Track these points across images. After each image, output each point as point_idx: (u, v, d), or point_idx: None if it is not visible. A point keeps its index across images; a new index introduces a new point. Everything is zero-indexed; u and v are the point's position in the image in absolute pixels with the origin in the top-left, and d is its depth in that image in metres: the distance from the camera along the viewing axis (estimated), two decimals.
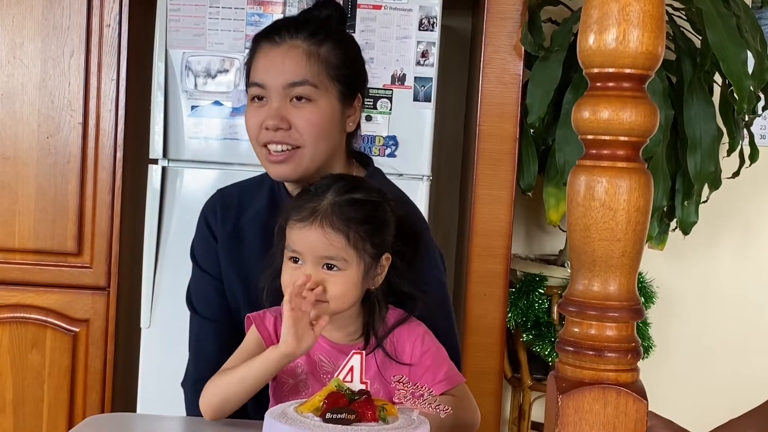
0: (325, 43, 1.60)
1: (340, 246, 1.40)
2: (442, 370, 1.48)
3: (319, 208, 1.42)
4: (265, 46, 1.62)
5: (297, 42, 1.59)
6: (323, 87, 1.59)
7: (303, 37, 1.60)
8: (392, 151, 2.69)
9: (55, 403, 2.76)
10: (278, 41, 1.60)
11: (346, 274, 1.41)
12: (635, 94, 0.93)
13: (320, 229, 1.40)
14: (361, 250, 1.42)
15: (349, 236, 1.41)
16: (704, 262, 3.38)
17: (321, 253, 1.41)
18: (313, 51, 1.59)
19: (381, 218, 1.47)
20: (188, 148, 2.68)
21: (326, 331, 1.47)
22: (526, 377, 3.03)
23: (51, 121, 2.75)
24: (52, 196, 2.75)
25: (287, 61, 1.58)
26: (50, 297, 2.76)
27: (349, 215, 1.42)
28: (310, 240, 1.41)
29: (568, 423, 0.94)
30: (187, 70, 2.68)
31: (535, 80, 2.75)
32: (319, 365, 1.46)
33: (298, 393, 1.46)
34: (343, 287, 1.41)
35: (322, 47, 1.60)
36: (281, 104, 1.58)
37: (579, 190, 0.95)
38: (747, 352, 3.35)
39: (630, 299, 0.96)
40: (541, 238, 3.37)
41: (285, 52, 1.59)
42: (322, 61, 1.59)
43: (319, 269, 1.41)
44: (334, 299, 1.41)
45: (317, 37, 1.60)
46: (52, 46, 2.74)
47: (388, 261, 1.47)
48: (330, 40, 1.62)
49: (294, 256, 1.43)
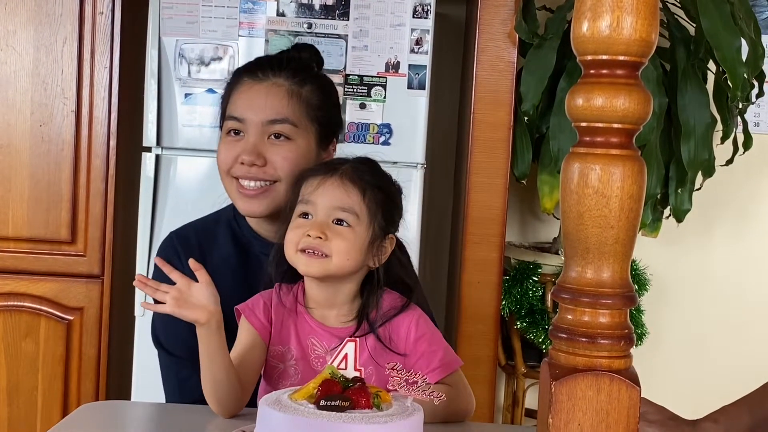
0: (307, 84, 1.63)
1: (356, 200, 1.42)
2: (437, 357, 1.47)
3: (339, 167, 1.46)
4: (247, 81, 1.63)
5: (280, 80, 1.62)
6: (303, 126, 1.61)
7: (285, 76, 1.62)
8: (386, 139, 2.68)
9: (50, 392, 2.76)
10: (261, 77, 1.62)
11: (356, 231, 1.42)
12: (629, 81, 0.93)
13: (339, 180, 1.43)
14: (373, 214, 1.44)
15: (365, 193, 1.43)
16: (698, 249, 3.38)
17: (336, 203, 1.42)
18: (295, 90, 1.61)
19: (393, 194, 1.50)
20: (182, 136, 2.68)
21: (318, 312, 1.47)
22: (520, 364, 3.04)
23: (44, 108, 2.74)
24: (46, 185, 2.74)
25: (270, 99, 1.60)
26: (44, 285, 2.76)
27: (368, 178, 1.45)
28: (328, 190, 1.43)
29: (561, 409, 0.95)
30: (180, 58, 2.67)
31: (529, 68, 2.74)
32: (311, 349, 1.47)
33: (288, 377, 1.46)
34: (349, 243, 1.42)
35: (303, 87, 1.62)
36: (258, 140, 1.59)
37: (573, 177, 0.95)
38: (740, 339, 3.37)
39: (623, 286, 0.96)
40: (535, 225, 3.37)
41: (267, 89, 1.61)
42: (303, 101, 1.61)
43: (330, 223, 1.42)
44: (338, 253, 1.41)
45: (299, 77, 1.63)
46: (44, 33, 2.73)
47: (392, 243, 1.48)
48: (311, 82, 1.65)
49: (305, 212, 1.44)
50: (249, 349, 1.46)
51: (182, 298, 1.37)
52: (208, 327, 1.37)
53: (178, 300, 1.37)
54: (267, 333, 1.47)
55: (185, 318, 1.38)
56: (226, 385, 1.40)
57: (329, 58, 1.77)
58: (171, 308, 1.37)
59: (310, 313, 1.48)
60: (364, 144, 2.66)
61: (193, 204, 1.77)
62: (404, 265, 1.53)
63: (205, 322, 1.37)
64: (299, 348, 1.47)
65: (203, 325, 1.37)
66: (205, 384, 1.40)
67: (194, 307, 1.37)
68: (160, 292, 1.38)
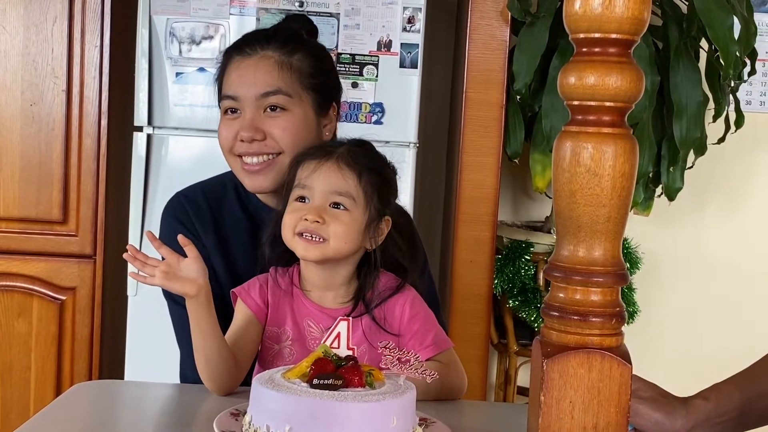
0: (297, 53, 1.62)
1: (352, 184, 1.43)
2: (429, 335, 1.48)
3: (335, 150, 1.46)
4: (237, 58, 1.62)
5: (268, 52, 1.61)
6: (297, 96, 1.60)
7: (274, 48, 1.61)
8: (378, 118, 2.68)
9: (43, 371, 2.77)
10: (249, 53, 1.61)
11: (352, 215, 1.43)
12: (621, 59, 0.93)
13: (335, 164, 1.44)
14: (369, 197, 1.44)
15: (361, 177, 1.44)
16: (689, 227, 3.39)
17: (333, 188, 1.42)
18: (284, 61, 1.60)
19: (388, 176, 1.50)
20: (173, 115, 2.67)
21: (315, 293, 1.47)
22: (512, 343, 3.05)
23: (35, 88, 2.72)
24: (37, 164, 2.73)
25: (259, 72, 1.59)
26: (36, 265, 2.75)
27: (364, 161, 1.46)
28: (324, 174, 1.43)
29: (553, 387, 0.95)
30: (171, 37, 2.66)
31: (521, 46, 2.74)
32: (307, 330, 1.47)
33: (282, 359, 1.46)
34: (346, 227, 1.42)
35: (293, 57, 1.61)
36: (255, 115, 1.59)
37: (565, 156, 0.95)
38: (732, 317, 3.38)
39: (615, 264, 0.96)
40: (528, 204, 3.37)
41: (256, 63, 1.60)
42: (294, 70, 1.60)
43: (327, 207, 1.42)
44: (335, 237, 1.41)
45: (288, 47, 1.62)
46: (34, 12, 2.71)
47: (388, 225, 1.48)
48: (301, 50, 1.63)
49: (302, 195, 1.44)
50: (244, 328, 1.46)
51: (171, 272, 1.38)
52: (197, 300, 1.38)
53: (167, 273, 1.37)
54: (263, 314, 1.48)
55: (174, 290, 1.38)
56: (219, 362, 1.40)
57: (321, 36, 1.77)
58: (160, 281, 1.38)
59: (306, 296, 1.48)
60: (356, 123, 2.65)
61: (184, 183, 1.76)
62: (399, 246, 1.53)
63: (194, 294, 1.38)
64: (295, 329, 1.47)
65: (192, 297, 1.38)
66: (198, 360, 1.41)
67: (183, 280, 1.38)
68: (149, 266, 1.38)
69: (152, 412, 1.43)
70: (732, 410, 1.26)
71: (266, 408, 1.15)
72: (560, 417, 0.95)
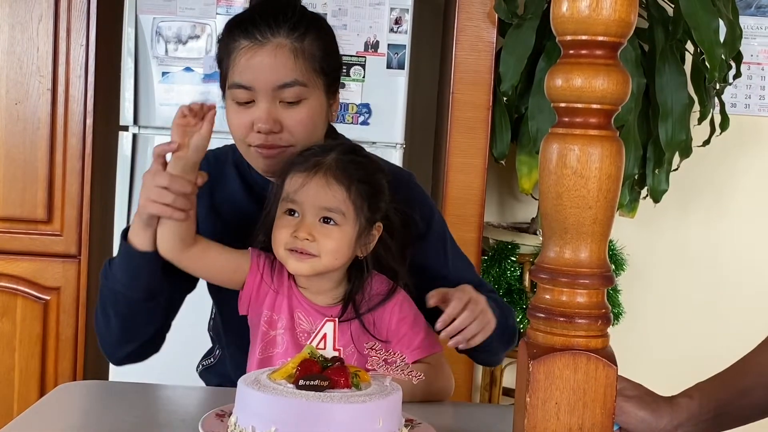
0: (307, 35, 1.56)
1: (341, 198, 1.42)
2: (418, 338, 1.48)
3: (323, 161, 1.44)
4: (245, 43, 1.54)
5: (280, 39, 1.53)
6: (312, 83, 1.55)
7: (285, 33, 1.54)
8: (365, 119, 2.68)
9: (27, 372, 2.75)
10: (261, 40, 1.53)
11: (343, 230, 1.42)
12: (608, 61, 0.93)
13: (323, 179, 1.42)
14: (359, 209, 1.43)
15: (350, 190, 1.42)
16: (674, 229, 3.41)
17: (322, 204, 1.41)
18: (298, 48, 1.54)
19: (379, 183, 1.48)
20: (159, 114, 2.66)
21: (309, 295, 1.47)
22: None
23: (19, 87, 2.71)
24: (21, 163, 2.72)
25: (276, 64, 1.53)
26: (20, 265, 2.74)
27: (352, 172, 1.44)
28: (313, 190, 1.42)
29: (538, 388, 0.96)
30: (157, 36, 2.65)
31: (508, 48, 2.74)
32: (297, 323, 1.47)
33: (276, 346, 1.46)
34: (337, 242, 1.42)
35: (305, 41, 1.55)
36: (271, 105, 1.53)
37: (551, 157, 0.95)
38: (715, 318, 3.40)
39: (601, 266, 0.97)
40: (514, 206, 3.38)
41: (271, 53, 1.53)
42: (308, 57, 1.55)
43: (317, 222, 1.42)
44: (327, 253, 1.41)
45: (299, 30, 1.55)
46: (20, 10, 2.69)
47: (379, 230, 1.48)
48: (311, 31, 1.57)
49: (291, 208, 1.43)
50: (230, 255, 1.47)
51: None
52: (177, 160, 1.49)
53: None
54: (255, 280, 1.47)
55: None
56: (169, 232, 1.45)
57: None
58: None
59: (299, 289, 1.48)
60: (343, 124, 2.65)
61: None
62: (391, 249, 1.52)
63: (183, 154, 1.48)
64: (288, 319, 1.47)
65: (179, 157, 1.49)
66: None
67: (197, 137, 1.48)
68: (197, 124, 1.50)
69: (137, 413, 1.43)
70: (716, 408, 1.28)
71: (252, 409, 1.14)
72: (546, 418, 0.96)
